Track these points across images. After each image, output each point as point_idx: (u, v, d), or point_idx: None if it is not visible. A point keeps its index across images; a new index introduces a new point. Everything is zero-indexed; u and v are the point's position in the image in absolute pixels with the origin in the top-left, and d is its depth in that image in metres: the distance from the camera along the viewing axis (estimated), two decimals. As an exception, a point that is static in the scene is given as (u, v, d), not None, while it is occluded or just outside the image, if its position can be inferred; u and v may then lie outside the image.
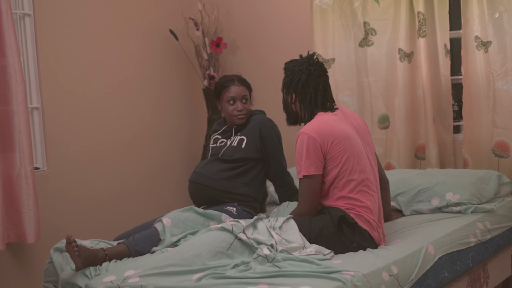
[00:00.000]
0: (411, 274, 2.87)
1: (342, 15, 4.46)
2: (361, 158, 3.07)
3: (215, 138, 3.80)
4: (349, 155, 3.03)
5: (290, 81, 3.18)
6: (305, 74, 3.13)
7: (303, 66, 3.14)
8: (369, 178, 3.08)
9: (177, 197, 4.92)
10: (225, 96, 3.70)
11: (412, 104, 4.30)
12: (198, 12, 5.01)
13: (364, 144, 3.15)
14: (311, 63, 3.15)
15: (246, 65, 5.01)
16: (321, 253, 2.88)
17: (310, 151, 3.01)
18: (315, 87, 3.14)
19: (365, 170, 3.07)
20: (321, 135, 3.02)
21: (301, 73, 3.14)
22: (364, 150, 3.12)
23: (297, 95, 3.18)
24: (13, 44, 3.62)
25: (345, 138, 3.05)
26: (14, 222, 3.72)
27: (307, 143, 3.02)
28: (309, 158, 3.01)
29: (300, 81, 3.14)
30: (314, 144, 3.01)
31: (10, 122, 3.66)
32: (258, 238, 2.89)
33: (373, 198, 3.09)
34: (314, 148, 3.01)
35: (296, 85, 3.15)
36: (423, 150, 4.30)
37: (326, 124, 3.06)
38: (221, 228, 2.93)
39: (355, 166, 3.04)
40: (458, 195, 3.61)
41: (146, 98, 4.78)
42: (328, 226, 2.99)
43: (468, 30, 4.05)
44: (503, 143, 4.00)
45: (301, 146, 3.04)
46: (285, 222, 3.01)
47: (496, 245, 3.57)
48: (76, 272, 2.92)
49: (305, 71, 3.13)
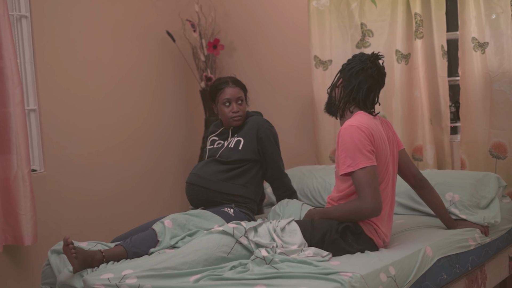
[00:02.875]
0: (409, 275, 2.87)
1: (339, 16, 4.46)
2: (388, 167, 3.05)
3: (212, 139, 3.80)
4: (381, 161, 3.01)
5: (346, 65, 3.12)
6: (360, 66, 3.06)
7: (364, 58, 3.09)
8: (386, 188, 3.06)
9: (175, 198, 4.92)
10: (220, 98, 3.70)
11: (409, 105, 4.31)
12: (195, 13, 5.01)
13: (390, 153, 3.11)
14: (372, 60, 3.09)
15: (243, 67, 5.02)
16: (319, 255, 2.87)
17: (363, 142, 2.93)
18: (361, 82, 3.06)
19: (388, 179, 3.05)
20: (370, 129, 2.96)
21: (359, 63, 3.08)
22: (391, 160, 3.08)
23: (343, 80, 3.12)
24: (10, 46, 3.62)
25: (382, 143, 3.02)
26: (11, 224, 3.72)
27: (360, 136, 2.93)
28: (361, 152, 2.92)
29: (353, 69, 3.08)
30: (364, 136, 2.93)
31: (7, 124, 3.66)
32: (259, 242, 2.88)
33: (386, 207, 3.07)
34: (366, 140, 2.93)
35: (348, 71, 3.09)
36: (420, 151, 4.30)
37: (371, 122, 3.01)
38: (222, 231, 2.92)
39: (382, 173, 3.02)
40: (458, 195, 3.60)
41: (143, 99, 4.77)
42: (332, 233, 2.97)
43: (465, 31, 4.05)
44: (500, 144, 4.00)
45: (351, 139, 2.94)
46: (287, 225, 3.00)
47: (496, 248, 3.57)
48: (74, 274, 2.91)
49: (362, 63, 3.07)
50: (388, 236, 3.12)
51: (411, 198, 3.74)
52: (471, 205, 3.57)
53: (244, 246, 2.88)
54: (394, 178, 3.16)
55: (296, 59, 4.81)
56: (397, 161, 3.19)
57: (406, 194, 3.75)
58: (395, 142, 3.20)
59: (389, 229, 3.12)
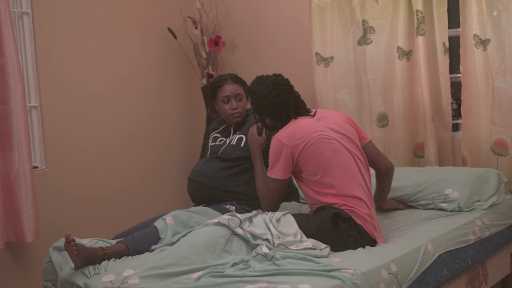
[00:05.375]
0: (410, 272, 2.87)
1: (340, 13, 4.45)
2: (342, 156, 3.13)
3: (214, 136, 3.80)
4: (327, 155, 3.09)
5: (260, 110, 3.29)
6: (272, 102, 3.23)
7: (268, 98, 3.22)
8: (353, 171, 3.13)
9: (176, 195, 4.92)
10: (219, 95, 3.70)
11: (411, 102, 4.30)
12: (196, 10, 5.01)
13: (349, 142, 3.20)
14: (272, 91, 3.22)
15: (245, 64, 5.01)
16: (318, 247, 2.89)
17: (280, 156, 3.13)
18: (285, 107, 3.24)
19: (349, 167, 3.12)
20: (292, 140, 3.12)
21: (268, 104, 3.24)
22: (346, 148, 3.16)
23: (271, 118, 3.30)
24: (12, 43, 3.62)
25: (318, 140, 3.11)
26: (13, 221, 3.72)
27: (279, 149, 3.13)
28: (278, 163, 3.15)
29: (269, 108, 3.25)
30: (285, 150, 3.12)
31: (8, 121, 3.66)
32: (254, 232, 2.90)
33: (364, 191, 3.12)
34: (285, 154, 3.12)
35: (267, 113, 3.28)
36: (422, 148, 4.30)
37: (298, 129, 3.16)
38: (217, 223, 2.93)
39: (335, 163, 3.09)
40: (457, 192, 3.61)
41: (144, 96, 4.77)
42: (324, 223, 3.01)
43: (466, 28, 4.04)
44: (502, 141, 4.00)
45: (273, 150, 3.17)
46: (282, 216, 3.03)
47: (496, 244, 3.57)
48: (75, 271, 2.91)
49: (270, 100, 3.23)
50: (375, 219, 3.13)
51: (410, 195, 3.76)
52: (468, 202, 3.59)
53: (240, 237, 2.89)
54: (362, 162, 3.22)
55: (297, 56, 4.81)
56: (365, 139, 3.32)
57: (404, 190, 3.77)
58: (356, 134, 3.29)
59: (372, 211, 3.14)
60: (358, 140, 3.28)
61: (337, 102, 4.55)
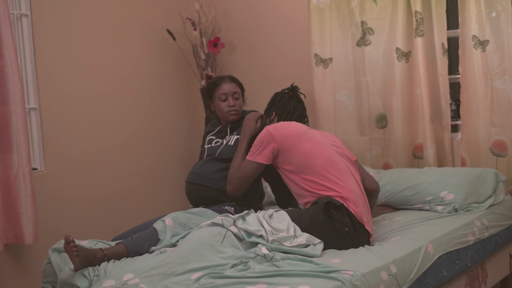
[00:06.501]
0: (410, 273, 2.87)
1: (339, 14, 4.46)
2: (326, 148, 3.26)
3: (210, 139, 3.81)
4: (312, 148, 3.21)
5: (273, 100, 3.59)
6: (287, 96, 3.55)
7: (284, 92, 3.58)
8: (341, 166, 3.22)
9: (175, 197, 4.92)
10: (216, 93, 3.72)
11: (410, 103, 4.31)
12: (195, 12, 5.01)
13: (338, 148, 3.35)
14: (291, 89, 3.59)
15: (244, 65, 5.02)
16: (311, 242, 2.89)
17: (266, 145, 3.27)
18: (294, 107, 3.53)
19: (332, 159, 3.22)
20: (280, 130, 3.28)
21: (283, 96, 3.56)
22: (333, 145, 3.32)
23: (277, 112, 3.52)
24: (11, 45, 3.62)
25: (304, 134, 3.28)
26: (12, 222, 3.72)
27: (267, 138, 3.27)
28: (263, 150, 3.28)
29: (282, 100, 3.55)
30: (273, 144, 3.25)
31: (7, 123, 3.66)
32: (248, 229, 2.91)
33: (353, 182, 3.18)
34: (268, 143, 3.26)
35: (277, 105, 3.54)
36: (421, 149, 4.30)
37: (290, 124, 3.35)
38: (212, 223, 2.95)
39: (320, 157, 3.20)
40: (452, 194, 3.62)
41: (143, 98, 4.77)
42: (318, 214, 3.03)
43: (465, 29, 4.05)
44: (501, 142, 4.00)
45: (261, 138, 3.31)
46: (275, 212, 3.06)
47: (495, 244, 3.57)
48: (75, 272, 2.92)
49: (286, 94, 3.57)
50: (359, 205, 3.13)
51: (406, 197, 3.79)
52: (464, 204, 3.61)
53: (235, 234, 2.90)
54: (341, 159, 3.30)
55: (296, 57, 4.81)
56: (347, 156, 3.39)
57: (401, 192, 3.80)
58: (346, 150, 3.45)
59: (357, 199, 3.16)
60: (348, 153, 3.40)
61: (336, 103, 4.55)
